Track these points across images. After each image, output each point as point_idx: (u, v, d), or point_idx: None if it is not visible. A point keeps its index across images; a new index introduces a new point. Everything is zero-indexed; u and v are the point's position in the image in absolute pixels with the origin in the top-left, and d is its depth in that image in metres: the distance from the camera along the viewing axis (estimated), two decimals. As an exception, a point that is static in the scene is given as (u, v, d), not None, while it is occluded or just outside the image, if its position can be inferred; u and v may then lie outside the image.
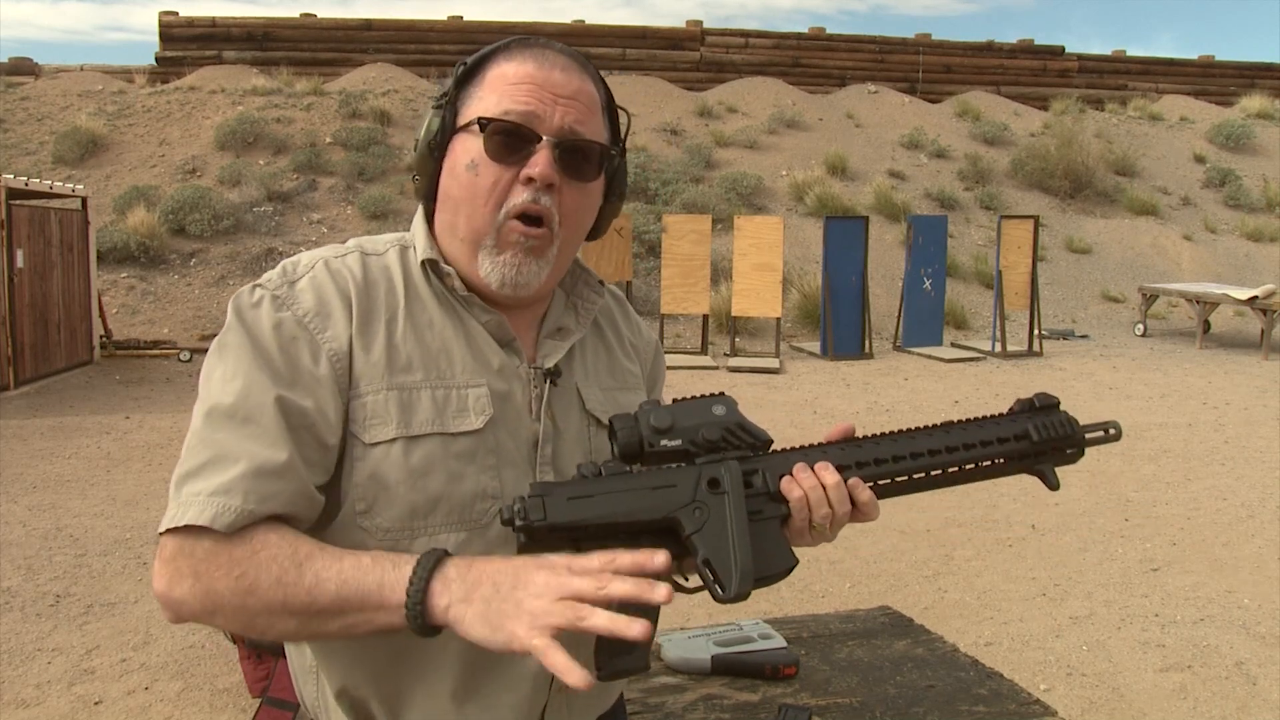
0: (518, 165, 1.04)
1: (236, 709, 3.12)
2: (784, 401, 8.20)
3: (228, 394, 0.98)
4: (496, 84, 1.06)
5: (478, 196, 1.05)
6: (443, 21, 18.75)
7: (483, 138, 1.04)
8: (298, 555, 0.93)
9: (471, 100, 1.07)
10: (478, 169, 1.04)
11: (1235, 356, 10.96)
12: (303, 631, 0.95)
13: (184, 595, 0.94)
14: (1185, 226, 15.53)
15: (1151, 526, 5.06)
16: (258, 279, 1.07)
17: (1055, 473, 1.09)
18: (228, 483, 0.94)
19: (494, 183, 1.04)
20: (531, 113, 1.04)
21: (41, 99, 14.85)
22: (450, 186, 1.08)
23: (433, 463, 1.01)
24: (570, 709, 1.12)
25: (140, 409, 7.63)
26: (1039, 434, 1.08)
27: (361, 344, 1.03)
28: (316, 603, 0.92)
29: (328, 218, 12.69)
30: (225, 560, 0.93)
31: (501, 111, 1.04)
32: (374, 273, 1.08)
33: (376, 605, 0.91)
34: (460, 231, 1.07)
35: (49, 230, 8.72)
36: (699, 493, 0.98)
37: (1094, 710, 3.18)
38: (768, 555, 0.99)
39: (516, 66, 1.06)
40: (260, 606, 0.93)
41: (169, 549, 0.95)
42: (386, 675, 1.05)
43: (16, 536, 4.71)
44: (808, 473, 1.02)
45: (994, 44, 20.70)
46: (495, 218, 1.05)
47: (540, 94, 1.04)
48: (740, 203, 13.89)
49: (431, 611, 0.89)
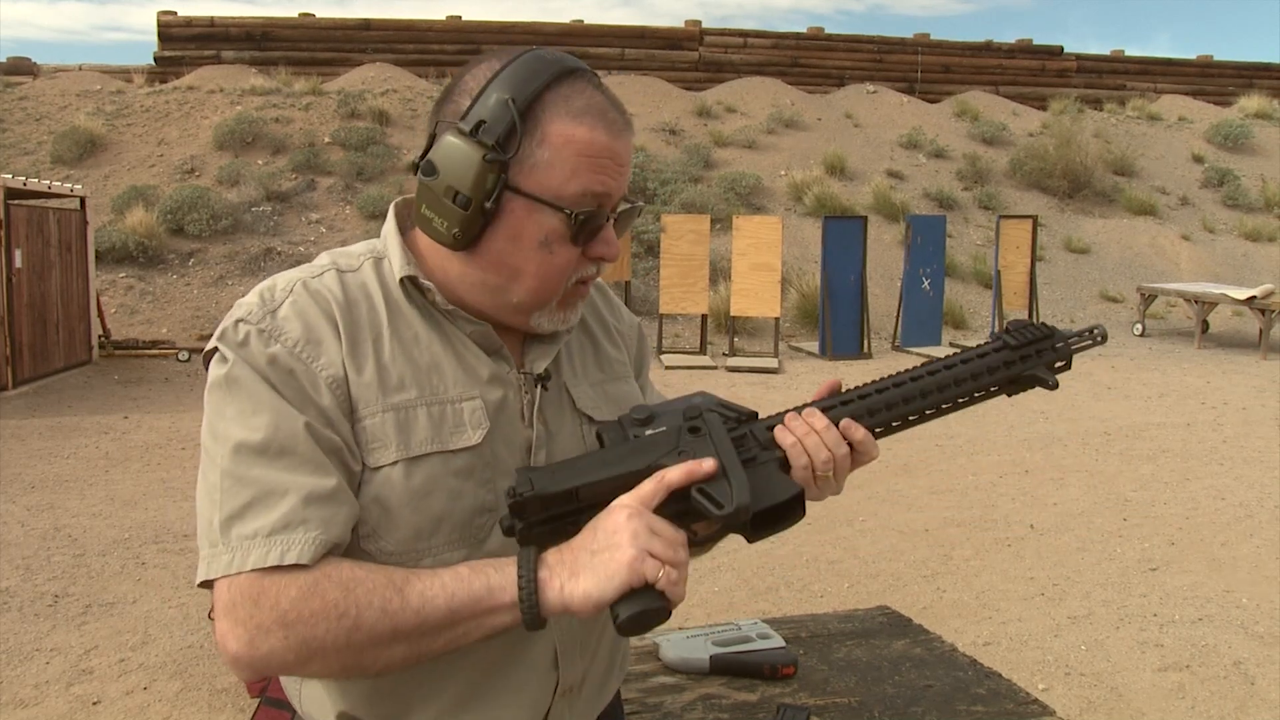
0: (587, 242, 1.03)
1: (235, 709, 3.12)
2: (783, 401, 8.21)
3: (255, 430, 0.94)
4: (567, 153, 0.98)
5: (552, 275, 1.03)
6: (441, 21, 18.74)
7: (570, 224, 1.00)
8: (394, 582, 0.93)
9: (535, 164, 0.99)
10: (553, 249, 1.01)
11: (1233, 356, 10.97)
12: (411, 655, 0.94)
13: (273, 648, 0.90)
14: (1184, 226, 15.54)
15: (1150, 526, 5.06)
16: (238, 315, 1.00)
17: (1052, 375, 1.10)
18: (284, 516, 0.91)
19: (568, 261, 1.02)
20: (608, 194, 1.02)
21: (40, 99, 14.84)
22: (510, 255, 1.02)
23: (434, 483, 0.99)
24: (572, 712, 1.11)
25: (139, 409, 7.62)
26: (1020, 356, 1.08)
27: (353, 366, 1.00)
28: (427, 621, 0.92)
29: (326, 217, 12.69)
30: (320, 605, 0.90)
31: (583, 193, 0.99)
32: (353, 291, 1.04)
33: (488, 609, 0.92)
34: (517, 298, 1.04)
35: (47, 230, 8.71)
36: (681, 440, 0.99)
37: (1092, 710, 3.19)
38: (765, 488, 0.98)
39: (588, 133, 0.99)
40: (367, 640, 0.91)
41: (241, 607, 0.90)
42: (388, 693, 1.03)
43: (15, 536, 4.70)
44: (798, 420, 1.03)
45: (992, 44, 20.71)
46: (564, 289, 1.05)
47: (613, 169, 1.01)
48: (739, 202, 13.89)
49: (545, 600, 0.92)
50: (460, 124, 0.99)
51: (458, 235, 1.00)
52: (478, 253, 1.02)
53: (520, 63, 1.00)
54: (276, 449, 0.94)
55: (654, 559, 0.89)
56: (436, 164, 0.99)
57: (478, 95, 0.99)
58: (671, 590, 0.90)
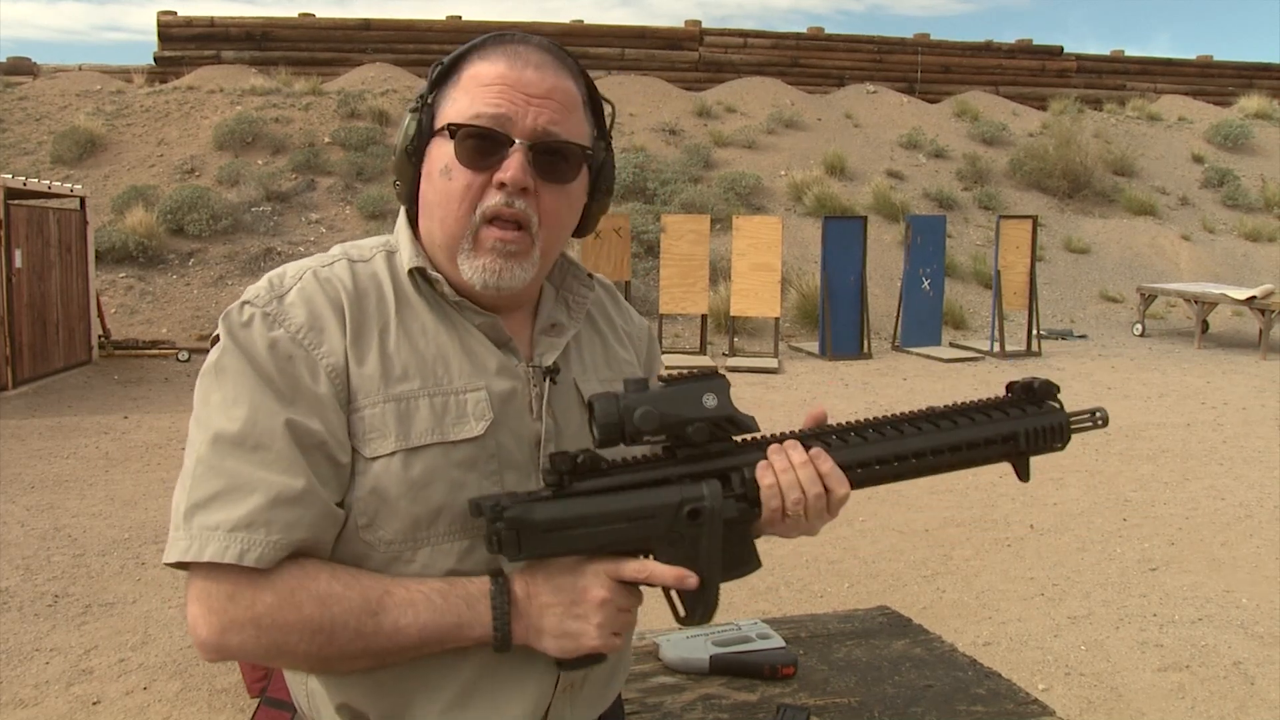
0: (491, 169, 1.02)
1: (235, 709, 3.12)
2: (782, 401, 8.21)
3: (233, 420, 0.95)
4: (469, 85, 1.04)
5: (450, 201, 1.03)
6: (441, 21, 18.74)
7: (453, 143, 1.02)
8: (369, 603, 0.96)
9: (446, 103, 1.05)
10: (450, 174, 1.03)
11: (1233, 356, 10.97)
12: (377, 666, 1.00)
13: (243, 644, 0.93)
14: (1183, 226, 15.54)
15: (1150, 526, 5.06)
16: (246, 296, 1.03)
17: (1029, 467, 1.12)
18: (248, 515, 0.92)
19: (466, 187, 1.02)
20: (503, 115, 1.01)
21: (40, 99, 14.84)
22: (427, 191, 1.06)
23: (434, 474, 1.00)
24: (574, 708, 1.12)
25: (139, 409, 7.62)
26: (1026, 442, 1.09)
27: (356, 356, 1.01)
28: (399, 646, 0.98)
29: (326, 217, 12.69)
30: (295, 619, 0.93)
31: (472, 115, 1.02)
32: (363, 281, 1.06)
33: (457, 639, 0.99)
34: (437, 237, 1.06)
35: (47, 230, 8.71)
36: (678, 523, 0.99)
37: (1092, 710, 3.19)
38: (733, 560, 1.03)
39: (489, 66, 1.04)
40: (337, 655, 0.96)
41: (215, 598, 0.93)
42: (390, 688, 1.04)
43: (15, 536, 4.70)
44: (781, 455, 1.04)
45: (992, 44, 20.71)
46: (469, 222, 1.03)
47: (512, 95, 1.02)
48: (739, 202, 13.89)
49: (514, 640, 1.00)
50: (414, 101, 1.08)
51: (398, 184, 1.10)
52: (421, 206, 1.08)
53: None
54: (252, 442, 0.95)
55: (614, 638, 1.01)
56: (396, 138, 1.09)
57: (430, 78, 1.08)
58: (613, 647, 1.02)
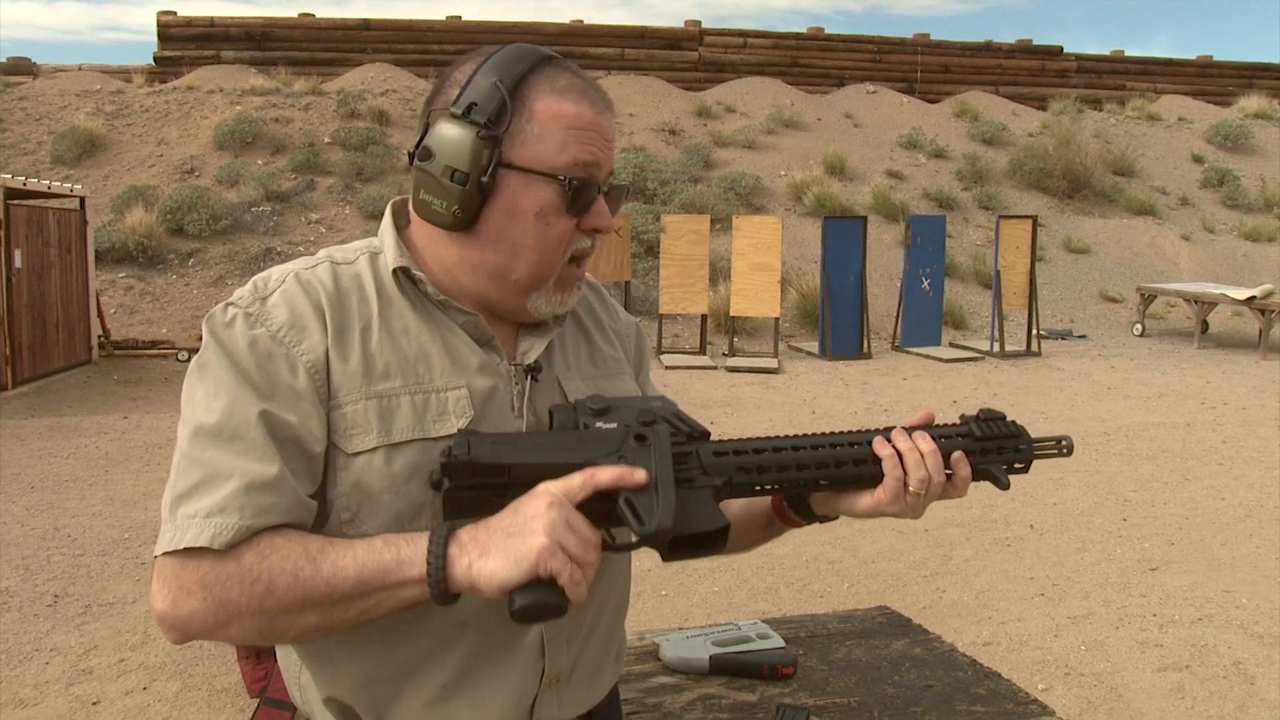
0: (581, 214, 1.07)
1: (235, 709, 3.12)
2: (782, 401, 8.21)
3: (212, 413, 0.98)
4: (554, 126, 1.04)
5: (549, 246, 1.06)
6: (441, 21, 18.74)
7: (564, 193, 1.04)
8: (309, 551, 0.95)
9: (526, 138, 1.03)
10: (549, 220, 1.05)
11: (1233, 356, 10.97)
12: (324, 623, 0.96)
13: (194, 610, 0.94)
14: (1183, 226, 15.54)
15: (1149, 526, 5.06)
16: (230, 298, 1.06)
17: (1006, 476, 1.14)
18: (222, 500, 0.94)
19: (563, 233, 1.06)
20: (597, 164, 1.06)
21: (39, 99, 14.83)
22: (508, 229, 1.05)
23: (415, 469, 1.01)
24: (560, 703, 1.12)
25: (138, 409, 7.62)
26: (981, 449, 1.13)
27: (338, 354, 1.03)
28: (337, 591, 0.94)
29: (326, 217, 12.69)
30: (235, 569, 0.93)
31: (572, 163, 1.04)
32: (345, 282, 1.08)
33: (397, 581, 0.93)
34: (517, 274, 1.07)
35: (47, 230, 8.71)
36: (625, 446, 0.99)
37: (1092, 710, 3.19)
38: (694, 513, 0.97)
39: (573, 108, 1.04)
40: (278, 606, 0.94)
41: (169, 569, 0.95)
42: (375, 679, 1.05)
43: (14, 536, 4.70)
44: (904, 436, 1.08)
45: (992, 44, 20.71)
46: (560, 264, 1.08)
47: (599, 141, 1.06)
48: (739, 203, 13.89)
49: (453, 576, 0.92)
50: (452, 109, 1.04)
51: (458, 213, 1.04)
52: (477, 233, 1.06)
53: (504, 52, 1.06)
54: (229, 433, 0.97)
55: (564, 554, 0.90)
56: (433, 148, 1.04)
57: (466, 83, 1.04)
58: (572, 590, 0.91)
